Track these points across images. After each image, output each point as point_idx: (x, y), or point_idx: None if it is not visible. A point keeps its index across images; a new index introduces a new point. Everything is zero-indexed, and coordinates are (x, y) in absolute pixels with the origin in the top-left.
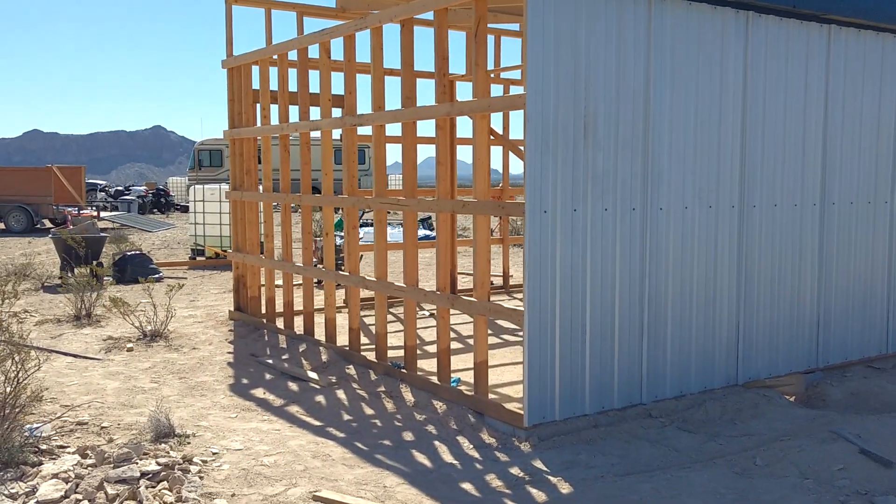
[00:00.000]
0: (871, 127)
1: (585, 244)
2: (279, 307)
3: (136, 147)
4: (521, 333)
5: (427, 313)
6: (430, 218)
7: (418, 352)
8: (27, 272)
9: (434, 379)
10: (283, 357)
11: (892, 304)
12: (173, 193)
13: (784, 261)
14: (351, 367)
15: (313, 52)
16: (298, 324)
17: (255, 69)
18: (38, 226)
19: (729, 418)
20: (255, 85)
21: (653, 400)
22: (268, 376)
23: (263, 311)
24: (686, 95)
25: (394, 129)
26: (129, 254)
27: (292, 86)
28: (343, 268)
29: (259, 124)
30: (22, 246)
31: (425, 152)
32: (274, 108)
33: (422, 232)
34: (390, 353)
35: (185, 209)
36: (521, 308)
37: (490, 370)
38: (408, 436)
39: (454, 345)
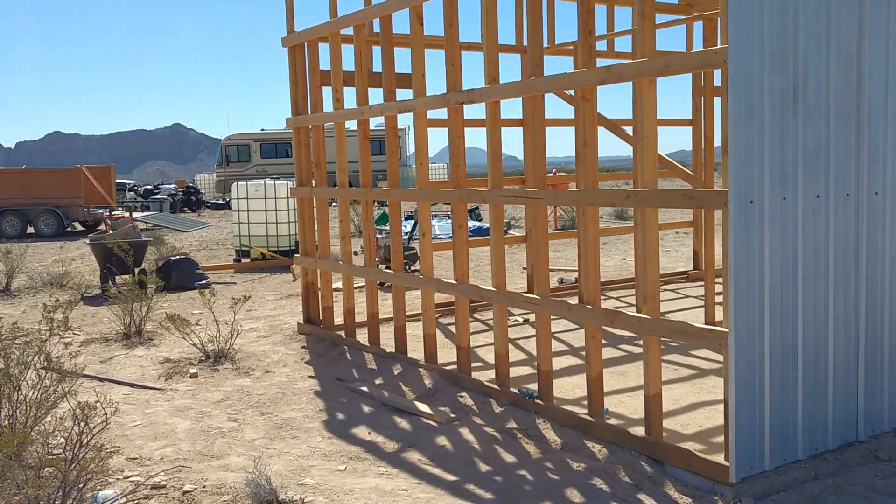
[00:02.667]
0: None
1: (796, 244)
2: (359, 319)
3: (157, 145)
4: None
5: (521, 320)
6: (477, 208)
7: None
8: (64, 282)
9: (583, 413)
10: (377, 382)
11: None
12: (203, 191)
13: None
14: (464, 394)
15: (398, 23)
16: (386, 339)
17: (324, 47)
18: (69, 229)
19: None
20: (324, 65)
21: (870, 436)
22: (366, 409)
23: (341, 323)
24: None
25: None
26: (173, 259)
27: (363, 65)
28: (417, 271)
29: (329, 109)
30: (54, 251)
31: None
32: (348, 92)
33: (471, 224)
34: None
35: (217, 206)
36: (719, 328)
37: (632, 395)
38: (574, 496)
39: (569, 360)
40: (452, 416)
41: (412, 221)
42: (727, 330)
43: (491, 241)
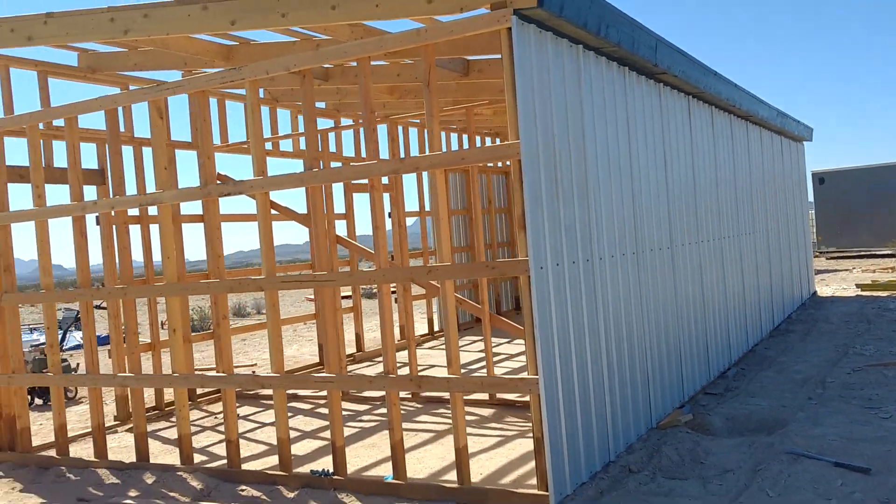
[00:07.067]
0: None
1: (566, 299)
2: (68, 433)
3: None
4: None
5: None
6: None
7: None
8: None
9: (388, 478)
10: (132, 494)
11: (706, 334)
12: None
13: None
14: (245, 487)
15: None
16: (120, 451)
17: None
18: None
19: (690, 459)
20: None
21: (616, 455)
22: None
23: (46, 443)
24: (603, 145)
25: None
26: None
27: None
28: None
29: (23, 207)
30: None
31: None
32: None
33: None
34: (264, 461)
35: None
36: (529, 376)
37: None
38: None
39: (309, 442)
40: None
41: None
42: (537, 376)
43: (269, 328)
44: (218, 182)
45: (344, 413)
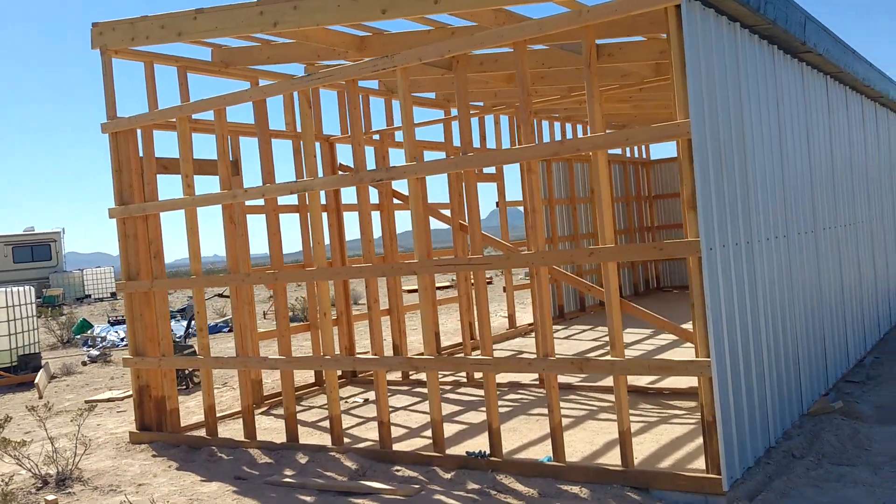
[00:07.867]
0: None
1: (732, 281)
2: (216, 415)
3: None
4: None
5: (361, 400)
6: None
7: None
8: None
9: (545, 460)
10: (288, 473)
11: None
12: None
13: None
14: (400, 468)
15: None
16: (260, 433)
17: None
18: None
19: (853, 446)
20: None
21: (776, 440)
22: (307, 498)
23: (194, 423)
24: (758, 126)
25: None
26: None
27: (224, 150)
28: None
29: (171, 196)
30: None
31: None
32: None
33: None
34: (413, 441)
35: None
36: (699, 359)
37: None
38: None
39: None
40: (416, 486)
41: (187, 320)
42: (708, 359)
43: (421, 310)
44: (341, 172)
45: (472, 398)
